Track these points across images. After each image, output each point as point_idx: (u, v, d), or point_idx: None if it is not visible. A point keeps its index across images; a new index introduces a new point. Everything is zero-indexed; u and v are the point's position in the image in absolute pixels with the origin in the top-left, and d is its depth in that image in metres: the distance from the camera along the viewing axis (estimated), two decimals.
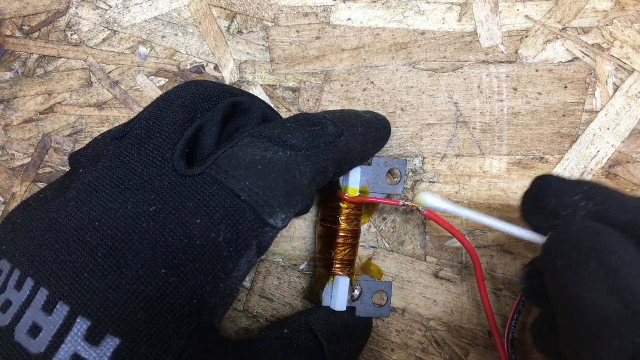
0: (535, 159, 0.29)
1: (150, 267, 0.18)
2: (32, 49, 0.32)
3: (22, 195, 0.32)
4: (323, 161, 0.22)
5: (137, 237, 0.18)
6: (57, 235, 0.18)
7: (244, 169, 0.20)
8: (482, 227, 0.30)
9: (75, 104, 0.32)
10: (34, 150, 0.32)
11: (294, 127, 0.22)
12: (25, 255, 0.18)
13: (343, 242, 0.28)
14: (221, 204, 0.19)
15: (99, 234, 0.18)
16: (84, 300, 0.17)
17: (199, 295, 0.18)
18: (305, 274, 0.30)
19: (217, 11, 0.31)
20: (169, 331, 0.17)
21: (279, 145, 0.21)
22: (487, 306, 0.26)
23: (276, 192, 0.20)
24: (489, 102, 0.30)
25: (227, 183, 0.19)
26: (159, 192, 0.19)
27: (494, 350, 0.29)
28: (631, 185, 0.29)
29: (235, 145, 0.21)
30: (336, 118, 0.24)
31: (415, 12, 0.30)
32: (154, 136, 0.20)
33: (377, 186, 0.28)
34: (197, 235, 0.19)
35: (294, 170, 0.21)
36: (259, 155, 0.20)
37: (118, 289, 0.17)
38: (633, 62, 0.29)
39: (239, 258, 0.20)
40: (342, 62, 0.30)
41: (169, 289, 0.18)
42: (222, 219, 0.19)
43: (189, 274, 0.18)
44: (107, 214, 0.18)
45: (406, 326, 0.30)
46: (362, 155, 0.26)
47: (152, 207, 0.19)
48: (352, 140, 0.24)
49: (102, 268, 0.17)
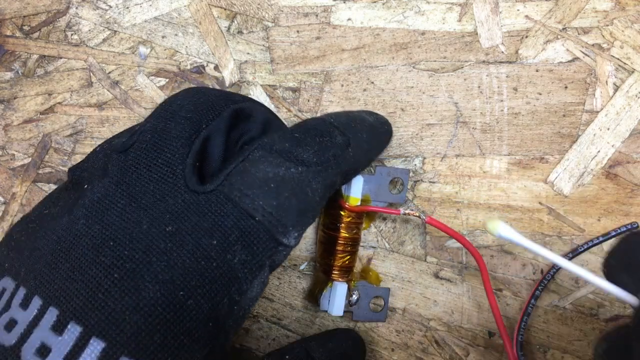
0: (535, 159, 0.29)
1: (169, 288, 0.17)
2: (32, 49, 0.32)
3: (22, 195, 0.32)
4: (333, 175, 0.22)
5: (154, 259, 0.18)
6: (66, 253, 0.18)
7: (257, 187, 0.19)
8: (482, 227, 0.30)
9: (75, 104, 0.32)
10: (34, 150, 0.32)
11: (303, 139, 0.22)
12: (31, 273, 0.18)
13: (342, 250, 0.28)
14: (236, 224, 0.19)
15: (115, 254, 0.18)
16: (98, 321, 0.16)
17: (214, 317, 0.18)
18: (305, 274, 0.30)
19: (217, 11, 0.31)
20: (184, 354, 0.17)
21: (290, 160, 0.21)
22: (495, 309, 0.26)
23: (289, 211, 0.20)
24: (489, 102, 0.30)
25: (241, 203, 0.19)
26: (173, 210, 0.19)
27: (494, 350, 0.29)
28: (631, 185, 0.29)
29: (246, 159, 0.20)
30: (342, 124, 0.24)
31: (415, 12, 0.30)
32: (162, 151, 0.20)
33: (379, 195, 0.28)
34: (214, 257, 0.18)
35: (306, 187, 0.20)
36: (271, 172, 0.20)
37: (135, 310, 0.17)
38: (633, 62, 0.29)
39: (252, 279, 0.19)
40: (342, 62, 0.30)
41: (186, 311, 0.17)
42: (237, 240, 0.19)
43: (206, 295, 0.18)
44: (121, 234, 0.18)
45: (406, 326, 0.30)
46: (367, 163, 0.26)
47: (168, 227, 0.18)
48: (358, 150, 0.24)
49: (119, 289, 0.17)
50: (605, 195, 0.29)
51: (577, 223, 0.29)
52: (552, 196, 0.29)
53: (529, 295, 0.29)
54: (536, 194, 0.29)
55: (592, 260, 0.29)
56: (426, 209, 0.30)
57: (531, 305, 0.28)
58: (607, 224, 0.29)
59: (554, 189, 0.29)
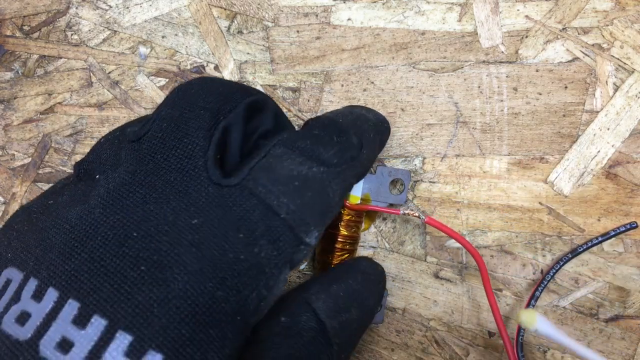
0: (535, 159, 0.29)
1: (198, 280, 0.17)
2: (32, 49, 0.32)
3: (22, 195, 0.32)
4: (350, 177, 0.22)
5: (183, 250, 0.17)
6: (82, 244, 0.17)
7: (282, 184, 0.19)
8: (482, 227, 0.30)
9: (75, 104, 0.32)
10: (34, 150, 0.32)
11: (322, 137, 0.22)
12: (42, 264, 0.17)
13: (341, 248, 0.28)
14: (261, 219, 0.19)
15: (140, 246, 0.17)
16: (125, 314, 0.16)
17: (242, 312, 0.18)
18: (305, 274, 0.30)
19: (217, 11, 0.31)
20: (212, 348, 0.17)
21: (312, 159, 0.21)
22: (495, 309, 0.26)
23: (312, 211, 0.20)
24: (489, 102, 0.30)
25: (266, 198, 0.19)
26: (197, 203, 0.18)
27: (494, 350, 0.29)
28: (631, 185, 0.29)
29: (269, 154, 0.20)
30: (353, 124, 0.24)
31: (415, 12, 0.30)
32: (181, 140, 0.19)
33: (379, 195, 0.28)
34: (241, 250, 0.18)
35: (327, 188, 0.20)
36: (295, 170, 0.20)
37: (164, 303, 0.16)
38: (633, 62, 0.29)
39: (279, 275, 0.19)
40: (342, 62, 0.30)
41: (215, 304, 0.17)
42: (263, 235, 0.19)
43: (235, 288, 0.18)
44: (145, 225, 0.18)
45: (406, 326, 0.30)
46: (372, 163, 0.25)
47: (194, 219, 0.18)
48: (369, 151, 0.23)
49: (146, 281, 0.16)
50: (605, 195, 0.29)
51: (577, 223, 0.29)
52: (552, 196, 0.29)
53: (529, 295, 0.29)
54: (536, 194, 0.29)
55: (591, 260, 0.29)
56: (426, 209, 0.30)
57: (531, 305, 0.28)
58: (607, 224, 0.29)
59: (554, 189, 0.29)
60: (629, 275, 0.29)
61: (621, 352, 0.29)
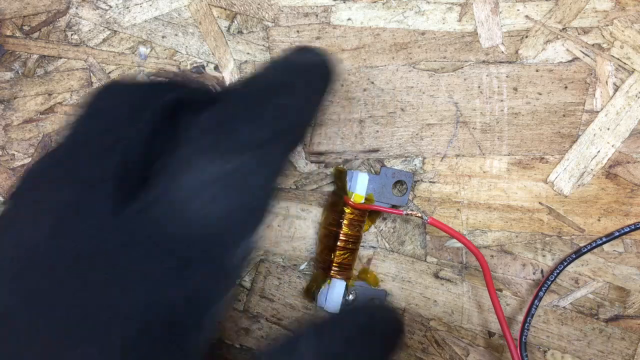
0: (535, 159, 0.29)
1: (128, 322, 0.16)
2: (32, 49, 0.32)
3: None
4: (282, 150, 0.19)
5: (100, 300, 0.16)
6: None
7: (197, 193, 0.17)
8: (482, 227, 0.30)
9: (76, 104, 0.32)
10: (34, 150, 0.32)
11: (237, 114, 0.18)
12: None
13: (343, 246, 0.28)
14: (187, 236, 0.17)
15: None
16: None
17: (183, 343, 0.17)
18: (305, 274, 0.30)
19: (217, 11, 0.31)
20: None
21: (225, 152, 0.18)
22: (499, 310, 0.26)
23: (234, 218, 0.17)
24: (489, 102, 0.30)
25: (186, 212, 0.17)
26: (107, 239, 0.16)
27: (494, 351, 0.29)
28: (631, 185, 0.29)
29: (177, 162, 0.18)
30: (278, 83, 0.20)
31: (415, 12, 0.30)
32: (77, 170, 0.18)
33: (382, 195, 0.28)
34: (175, 278, 0.17)
35: (251, 178, 0.18)
36: (206, 175, 0.17)
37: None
38: (633, 62, 0.29)
39: (220, 286, 0.18)
40: (342, 62, 0.30)
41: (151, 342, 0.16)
42: (194, 251, 0.17)
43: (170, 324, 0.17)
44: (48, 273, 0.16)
45: (406, 326, 0.30)
46: (311, 120, 0.23)
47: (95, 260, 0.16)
48: (302, 111, 0.20)
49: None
50: (605, 195, 0.29)
51: (577, 223, 0.29)
52: (552, 196, 0.29)
53: (532, 296, 0.29)
54: (536, 194, 0.29)
55: (592, 260, 0.29)
56: (426, 209, 0.30)
57: (535, 306, 0.28)
58: (607, 224, 0.29)
59: (554, 189, 0.29)
60: (629, 275, 0.29)
61: (621, 352, 0.29)
